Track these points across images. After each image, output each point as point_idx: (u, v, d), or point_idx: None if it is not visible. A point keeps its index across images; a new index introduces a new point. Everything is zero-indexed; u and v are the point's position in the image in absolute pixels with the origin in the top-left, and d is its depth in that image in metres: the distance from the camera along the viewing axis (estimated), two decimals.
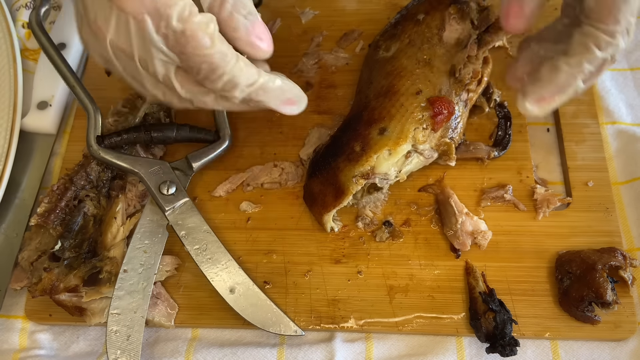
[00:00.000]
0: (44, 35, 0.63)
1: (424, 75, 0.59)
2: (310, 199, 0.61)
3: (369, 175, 0.57)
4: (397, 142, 0.56)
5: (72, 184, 0.62)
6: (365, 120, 0.58)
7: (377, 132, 0.57)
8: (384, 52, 0.62)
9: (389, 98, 0.58)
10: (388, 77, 0.60)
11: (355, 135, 0.58)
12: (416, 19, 0.62)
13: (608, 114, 0.69)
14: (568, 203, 0.62)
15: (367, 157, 0.56)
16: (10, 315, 0.62)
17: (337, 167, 0.58)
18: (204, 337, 0.60)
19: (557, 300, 0.58)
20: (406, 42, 0.61)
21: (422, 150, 0.58)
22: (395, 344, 0.58)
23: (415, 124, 0.57)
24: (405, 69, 0.59)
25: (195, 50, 0.42)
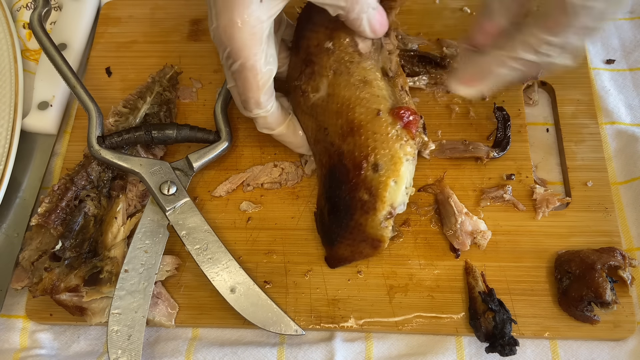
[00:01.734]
0: (45, 35, 0.64)
1: (370, 94, 0.56)
2: (344, 261, 0.59)
3: (391, 214, 0.55)
4: (395, 169, 0.54)
5: (72, 184, 0.62)
6: (352, 167, 0.55)
7: (372, 171, 0.55)
8: (314, 94, 0.58)
9: (358, 135, 0.55)
10: (340, 115, 0.57)
11: (354, 185, 0.55)
12: (326, 49, 0.58)
13: (607, 114, 0.69)
14: (567, 203, 0.62)
15: (381, 200, 0.54)
16: (11, 315, 0.62)
17: (359, 224, 0.56)
18: (204, 337, 0.60)
19: (556, 300, 0.58)
20: (332, 74, 0.58)
21: (414, 157, 0.57)
22: (395, 344, 0.58)
23: (397, 142, 0.55)
24: (350, 99, 0.56)
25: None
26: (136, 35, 0.76)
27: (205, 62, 0.74)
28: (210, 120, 0.68)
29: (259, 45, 0.53)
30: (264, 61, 0.54)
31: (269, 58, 0.54)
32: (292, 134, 0.62)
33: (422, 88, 0.69)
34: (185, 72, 0.73)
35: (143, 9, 0.78)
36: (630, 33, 0.74)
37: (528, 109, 0.69)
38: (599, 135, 0.66)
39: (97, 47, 0.76)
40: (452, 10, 0.74)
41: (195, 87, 0.72)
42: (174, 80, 0.71)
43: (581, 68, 0.70)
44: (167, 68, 0.72)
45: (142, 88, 0.70)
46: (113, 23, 0.77)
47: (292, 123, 0.61)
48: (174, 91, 0.71)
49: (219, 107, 0.66)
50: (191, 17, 0.77)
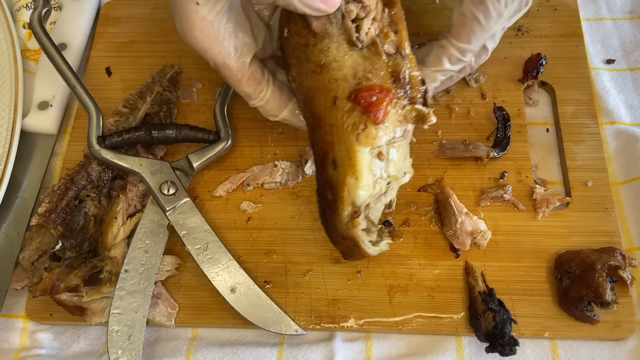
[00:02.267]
0: (45, 35, 0.64)
1: (328, 79, 0.51)
2: (350, 256, 0.56)
3: (357, 213, 0.51)
4: (352, 164, 0.50)
5: (72, 184, 0.62)
6: (319, 164, 0.53)
7: (332, 168, 0.51)
8: (293, 84, 0.55)
9: (319, 128, 0.52)
10: (306, 107, 0.54)
11: (322, 183, 0.53)
12: (285, 37, 0.54)
13: (607, 114, 0.69)
14: (567, 203, 0.62)
15: (340, 200, 0.51)
16: (11, 315, 0.62)
17: (332, 224, 0.53)
18: (204, 337, 0.60)
19: (556, 299, 0.58)
20: (295, 62, 0.53)
21: (392, 140, 0.51)
22: (395, 344, 0.58)
23: (352, 133, 0.50)
24: (311, 88, 0.52)
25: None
26: (136, 35, 0.76)
27: (205, 62, 0.72)
28: (210, 120, 0.68)
29: (218, 44, 0.52)
30: (234, 54, 0.53)
31: (240, 49, 0.54)
32: (297, 119, 0.60)
33: None
34: (185, 72, 0.73)
35: (143, 8, 0.78)
36: (630, 33, 0.74)
37: (528, 108, 0.69)
38: (599, 135, 0.66)
39: (97, 47, 0.76)
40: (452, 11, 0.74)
41: (195, 87, 0.72)
42: (174, 80, 0.71)
43: (581, 68, 0.70)
44: (167, 68, 0.72)
45: (142, 88, 0.70)
46: (113, 23, 0.77)
47: (296, 107, 0.59)
48: (174, 91, 0.71)
49: (219, 107, 0.66)
50: None
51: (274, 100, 0.58)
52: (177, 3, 0.50)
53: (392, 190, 0.54)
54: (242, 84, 0.56)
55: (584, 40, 0.72)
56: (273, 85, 0.58)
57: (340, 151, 0.50)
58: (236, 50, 0.54)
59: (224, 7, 0.51)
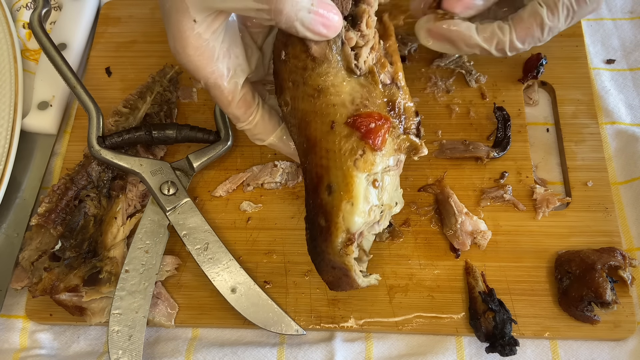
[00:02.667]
0: (45, 35, 0.64)
1: (325, 104, 0.51)
2: (336, 287, 0.54)
3: (351, 240, 0.50)
4: (348, 189, 0.49)
5: (72, 184, 0.62)
6: (312, 189, 0.52)
7: (326, 193, 0.50)
8: (285, 108, 0.54)
9: (314, 152, 0.51)
10: (301, 131, 0.53)
11: (314, 209, 0.52)
12: (282, 60, 0.53)
13: (607, 114, 0.69)
14: (567, 203, 0.62)
15: (335, 226, 0.50)
16: (11, 315, 0.62)
17: (323, 251, 0.51)
18: (204, 337, 0.60)
19: (556, 300, 0.58)
20: (291, 86, 0.53)
21: (387, 169, 0.52)
22: (395, 344, 0.58)
23: (350, 157, 0.49)
24: (306, 112, 0.52)
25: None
26: (136, 35, 0.76)
27: None
28: (210, 120, 0.68)
29: (212, 63, 0.51)
30: (226, 75, 0.52)
31: (233, 70, 0.53)
32: (284, 145, 0.60)
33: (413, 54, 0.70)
34: (185, 72, 0.73)
35: (143, 8, 0.78)
36: (630, 33, 0.74)
37: (528, 108, 0.69)
38: (599, 135, 0.66)
39: (97, 47, 0.76)
40: None
41: (195, 87, 0.72)
42: (174, 80, 0.71)
43: (581, 68, 0.70)
44: (167, 68, 0.72)
45: (142, 88, 0.70)
46: (113, 23, 0.77)
47: (284, 132, 0.59)
48: (174, 91, 0.71)
49: (219, 107, 0.66)
50: None
51: (262, 124, 0.57)
52: (171, 19, 0.49)
53: (385, 219, 0.53)
54: (232, 106, 0.55)
55: (584, 40, 0.72)
56: (262, 109, 0.57)
57: (336, 176, 0.50)
58: (229, 71, 0.53)
59: (221, 26, 0.50)
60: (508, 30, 0.57)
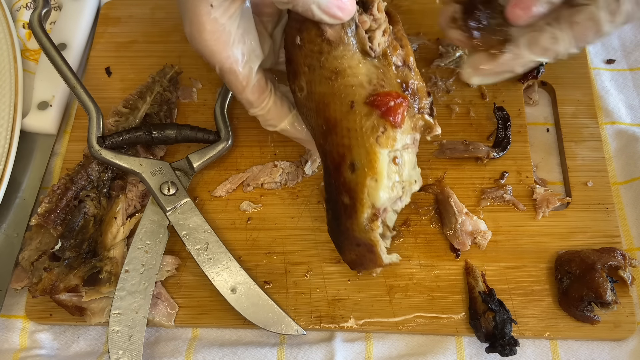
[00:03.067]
0: (45, 35, 0.64)
1: (343, 85, 0.52)
2: (359, 266, 0.55)
3: (376, 216, 0.51)
4: (372, 166, 0.50)
5: (72, 184, 0.62)
6: (333, 169, 0.53)
7: (349, 171, 0.51)
8: (300, 93, 0.55)
9: (334, 133, 0.52)
10: (319, 114, 0.53)
11: (336, 188, 0.53)
12: (297, 45, 0.54)
13: (607, 114, 0.69)
14: (567, 203, 0.62)
15: (360, 202, 0.51)
16: (11, 315, 0.62)
17: (347, 229, 0.53)
18: (204, 337, 0.60)
19: (556, 300, 0.58)
20: (307, 70, 0.54)
21: (405, 146, 0.53)
22: (395, 344, 0.58)
23: (372, 135, 0.50)
24: (324, 94, 0.53)
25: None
26: (136, 35, 0.76)
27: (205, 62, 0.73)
28: (210, 120, 0.68)
29: (228, 48, 0.52)
30: (241, 61, 0.53)
31: (247, 56, 0.53)
32: (296, 131, 0.60)
33: None
34: (185, 72, 0.73)
35: (143, 9, 0.78)
36: (631, 33, 0.74)
37: (528, 108, 0.69)
38: (599, 135, 0.66)
39: (97, 47, 0.76)
40: None
41: (195, 87, 0.72)
42: (174, 80, 0.71)
43: (581, 68, 0.70)
44: (167, 68, 0.72)
45: (142, 88, 0.70)
46: (113, 23, 0.77)
47: (296, 118, 0.59)
48: (174, 91, 0.71)
49: (219, 107, 0.66)
50: None
51: (275, 110, 0.58)
52: (188, 4, 0.49)
53: (407, 195, 0.54)
54: (246, 91, 0.55)
55: None
56: (275, 95, 0.58)
57: (359, 154, 0.51)
58: (243, 56, 0.53)
59: (237, 11, 0.51)
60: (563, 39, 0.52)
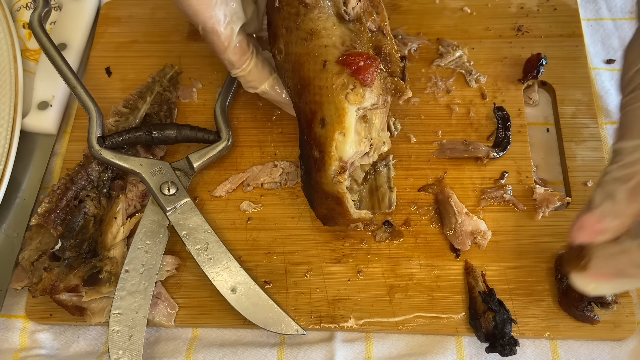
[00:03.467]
0: (45, 35, 0.64)
1: (318, 45, 0.54)
2: (330, 220, 0.58)
3: (343, 168, 0.53)
4: (340, 121, 0.52)
5: (72, 184, 0.62)
6: (306, 125, 0.55)
7: (320, 126, 0.53)
8: (279, 56, 0.58)
9: (307, 91, 0.54)
10: (294, 73, 0.56)
11: (308, 144, 0.55)
12: (276, 8, 0.57)
13: (607, 114, 0.69)
14: (567, 203, 0.62)
15: (328, 155, 0.53)
16: (11, 315, 0.62)
17: (317, 182, 0.55)
18: (204, 337, 0.60)
19: (556, 300, 0.58)
20: (284, 32, 0.57)
21: (374, 106, 0.55)
22: (395, 344, 0.58)
23: (341, 92, 0.53)
24: (300, 54, 0.55)
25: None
26: (136, 35, 0.76)
27: (205, 62, 0.74)
28: (210, 120, 0.68)
29: (211, 8, 0.54)
30: (223, 21, 0.55)
31: (230, 17, 0.55)
32: (276, 94, 0.63)
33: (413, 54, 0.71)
34: (185, 72, 0.73)
35: (143, 8, 0.78)
36: (630, 33, 0.74)
37: (528, 108, 0.69)
38: (599, 135, 0.66)
39: (97, 47, 0.76)
40: (452, 10, 0.74)
41: (195, 87, 0.72)
42: (174, 80, 0.71)
43: (581, 68, 0.70)
44: (167, 68, 0.72)
45: (142, 88, 0.70)
46: (113, 23, 0.77)
47: (276, 82, 0.62)
48: (174, 91, 0.71)
49: (219, 107, 0.66)
50: None
51: (256, 71, 0.60)
52: None
53: (374, 153, 0.57)
54: (228, 51, 0.57)
55: (584, 40, 0.72)
56: (256, 58, 0.60)
57: (329, 109, 0.53)
58: (225, 17, 0.55)
59: None
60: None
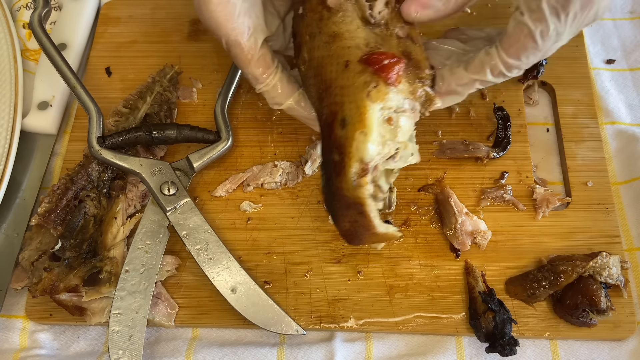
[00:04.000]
0: (45, 35, 0.64)
1: (340, 47, 0.51)
2: (354, 237, 0.53)
3: (365, 171, 0.49)
4: (361, 119, 0.48)
5: (72, 184, 0.62)
6: (326, 128, 0.52)
7: (340, 127, 0.50)
8: (303, 67, 0.56)
9: (328, 93, 0.51)
10: (316, 78, 0.53)
11: (328, 148, 0.51)
12: (300, 15, 0.55)
13: (607, 114, 0.69)
14: (567, 203, 0.62)
15: (348, 156, 0.49)
16: (11, 315, 0.62)
17: (338, 188, 0.50)
18: (204, 337, 0.60)
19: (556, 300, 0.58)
20: (308, 39, 0.54)
21: (401, 109, 0.51)
22: (395, 344, 0.58)
23: (363, 90, 0.49)
24: (322, 57, 0.52)
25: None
26: (136, 35, 0.76)
27: (205, 62, 0.74)
28: (210, 120, 0.68)
29: (233, 20, 0.52)
30: (246, 33, 0.53)
31: (253, 29, 0.54)
32: (302, 109, 0.59)
33: None
34: (185, 72, 0.73)
35: (143, 9, 0.78)
36: (631, 33, 0.74)
37: (528, 108, 0.69)
38: (599, 135, 0.66)
39: (97, 47, 0.76)
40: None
41: (195, 87, 0.72)
42: (174, 80, 0.71)
43: (581, 68, 0.70)
44: (167, 68, 0.72)
45: (142, 88, 0.70)
46: (113, 23, 0.77)
47: (302, 97, 0.59)
48: (174, 91, 0.71)
49: (219, 107, 0.66)
50: (191, 17, 0.77)
51: (281, 86, 0.58)
52: None
53: (401, 159, 0.52)
54: (251, 64, 0.55)
55: (584, 40, 0.72)
56: (281, 73, 0.58)
57: (350, 109, 0.49)
58: (248, 29, 0.54)
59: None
60: (496, 52, 0.51)
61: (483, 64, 0.52)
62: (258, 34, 0.55)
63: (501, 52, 0.50)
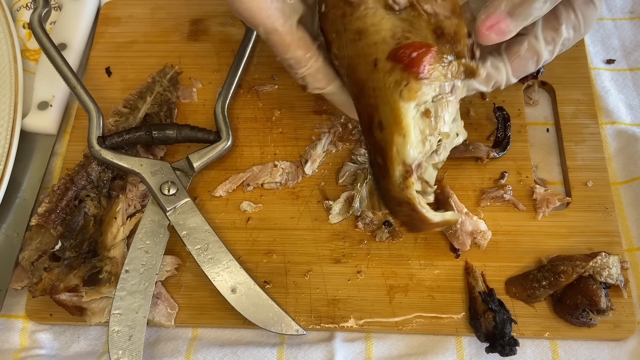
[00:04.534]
0: (45, 35, 0.64)
1: (367, 44, 0.50)
2: (412, 227, 0.54)
3: (409, 172, 0.49)
4: (396, 122, 0.48)
5: (72, 184, 0.62)
6: (366, 131, 0.52)
7: (378, 131, 0.50)
8: (337, 62, 0.55)
9: (362, 94, 0.51)
10: (350, 78, 0.53)
11: (371, 151, 0.52)
12: (323, 13, 0.54)
13: (607, 114, 0.69)
14: (567, 203, 0.62)
15: (390, 161, 0.49)
16: (11, 315, 0.62)
17: (385, 189, 0.51)
18: (204, 337, 0.60)
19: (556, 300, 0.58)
20: (335, 37, 0.53)
21: (437, 97, 0.49)
22: (395, 344, 0.58)
23: (395, 91, 0.48)
24: (351, 57, 0.52)
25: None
26: (136, 35, 0.76)
27: (205, 62, 0.74)
28: (210, 120, 0.68)
29: (267, 7, 0.51)
30: (282, 20, 0.52)
31: (288, 14, 0.53)
32: (344, 95, 0.58)
33: None
34: (185, 72, 0.73)
35: (143, 9, 0.78)
36: (630, 33, 0.74)
37: (528, 108, 0.69)
38: (599, 135, 0.66)
39: (97, 47, 0.76)
40: None
41: (195, 87, 0.72)
42: (174, 80, 0.71)
43: (581, 68, 0.70)
44: (167, 68, 0.72)
45: (142, 88, 0.70)
46: (113, 23, 0.77)
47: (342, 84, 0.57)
48: (174, 91, 0.71)
49: (219, 107, 0.66)
50: (191, 17, 0.77)
51: (325, 69, 0.56)
52: None
53: (444, 149, 0.52)
54: (292, 47, 0.53)
55: (584, 40, 0.72)
56: (323, 56, 0.56)
57: (384, 111, 0.49)
58: (283, 14, 0.53)
59: None
60: (504, 68, 0.53)
61: (490, 78, 0.54)
62: (292, 16, 0.53)
63: (509, 70, 0.54)
